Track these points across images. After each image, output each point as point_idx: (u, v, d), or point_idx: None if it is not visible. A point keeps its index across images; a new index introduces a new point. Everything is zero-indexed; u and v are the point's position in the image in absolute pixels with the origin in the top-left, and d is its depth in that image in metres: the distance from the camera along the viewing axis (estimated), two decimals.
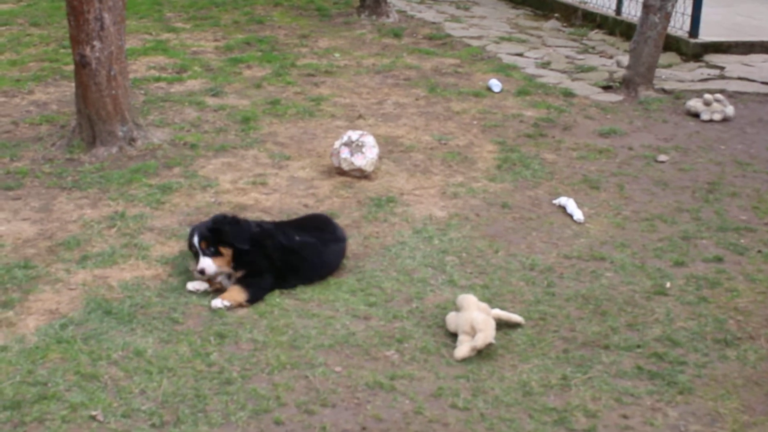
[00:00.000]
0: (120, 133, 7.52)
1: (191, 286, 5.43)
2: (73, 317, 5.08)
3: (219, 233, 5.38)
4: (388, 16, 13.00)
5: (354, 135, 7.21)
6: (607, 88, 9.98)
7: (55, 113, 8.55)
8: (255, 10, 13.51)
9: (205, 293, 5.40)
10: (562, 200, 6.86)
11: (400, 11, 13.61)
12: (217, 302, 5.24)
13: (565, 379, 4.73)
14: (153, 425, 4.25)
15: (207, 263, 5.36)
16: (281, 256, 5.49)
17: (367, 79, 9.98)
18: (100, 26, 7.27)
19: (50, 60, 10.39)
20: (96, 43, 7.30)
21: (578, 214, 6.64)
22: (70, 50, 7.72)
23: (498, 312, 5.12)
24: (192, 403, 4.40)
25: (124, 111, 7.54)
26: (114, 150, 7.45)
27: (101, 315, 5.11)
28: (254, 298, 5.32)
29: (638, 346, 5.05)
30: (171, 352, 4.79)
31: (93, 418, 4.27)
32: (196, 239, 5.42)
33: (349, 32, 12.22)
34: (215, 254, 5.38)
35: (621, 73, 10.22)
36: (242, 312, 5.21)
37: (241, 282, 5.38)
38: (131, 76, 8.78)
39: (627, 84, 9.77)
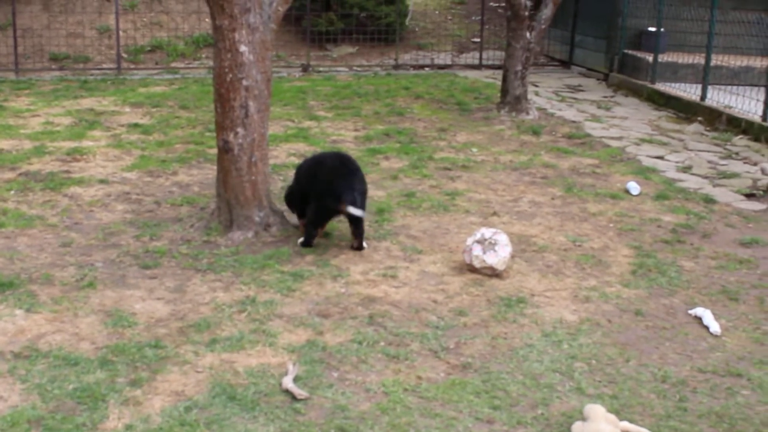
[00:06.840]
0: (257, 219, 7.66)
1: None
2: (197, 400, 5.13)
3: None
4: (528, 113, 13.01)
5: (487, 233, 7.17)
6: (750, 195, 9.71)
7: (196, 195, 8.78)
8: (396, 101, 13.71)
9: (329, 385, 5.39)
10: (699, 311, 6.64)
11: (540, 108, 13.61)
12: None
13: None
14: None
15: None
16: None
17: (504, 175, 9.96)
18: (244, 114, 7.47)
19: (195, 143, 10.72)
20: (240, 130, 7.49)
21: (715, 326, 6.42)
22: (215, 134, 7.94)
23: (626, 425, 4.95)
24: None
25: (262, 197, 7.70)
26: (249, 234, 7.59)
27: (225, 400, 5.14)
28: None
29: None
30: None
31: None
32: None
33: (487, 127, 12.26)
34: None
35: (765, 180, 9.94)
36: (364, 407, 5.17)
37: None
38: (271, 161, 8.97)
39: None
